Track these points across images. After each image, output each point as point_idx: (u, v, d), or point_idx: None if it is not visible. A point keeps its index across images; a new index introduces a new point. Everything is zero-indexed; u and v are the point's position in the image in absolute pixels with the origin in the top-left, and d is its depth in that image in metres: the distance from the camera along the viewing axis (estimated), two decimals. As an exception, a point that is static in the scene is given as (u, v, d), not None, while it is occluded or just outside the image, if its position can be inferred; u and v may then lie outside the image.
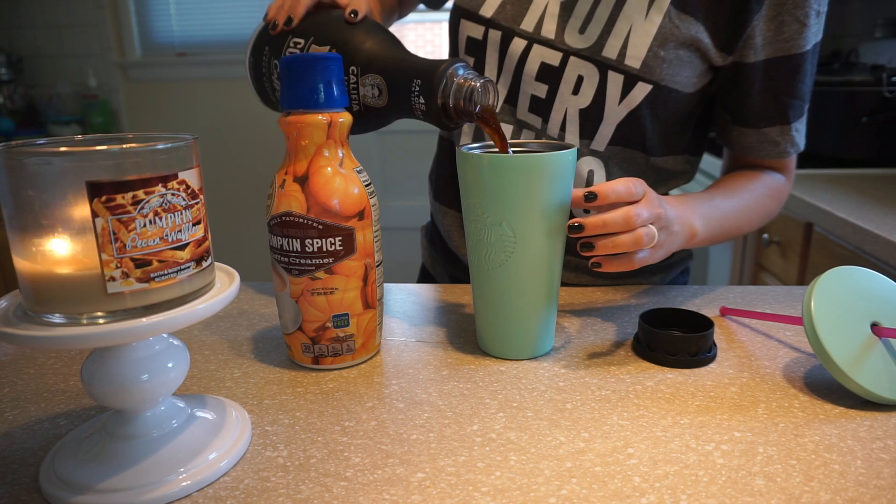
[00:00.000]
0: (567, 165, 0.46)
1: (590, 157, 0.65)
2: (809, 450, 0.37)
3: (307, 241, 0.45)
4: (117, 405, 0.36)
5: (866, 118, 1.37)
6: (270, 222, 0.46)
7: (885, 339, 0.43)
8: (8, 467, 0.37)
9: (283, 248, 0.46)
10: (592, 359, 0.49)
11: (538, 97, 0.64)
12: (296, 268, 0.46)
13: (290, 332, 0.48)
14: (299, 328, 0.48)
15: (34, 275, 0.31)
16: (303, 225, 0.45)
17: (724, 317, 0.57)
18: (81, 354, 0.52)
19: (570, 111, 0.63)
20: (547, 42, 0.63)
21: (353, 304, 0.47)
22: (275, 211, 0.46)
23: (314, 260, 0.46)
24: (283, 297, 0.48)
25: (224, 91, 2.43)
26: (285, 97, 0.45)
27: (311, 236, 0.45)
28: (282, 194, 0.45)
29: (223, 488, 0.35)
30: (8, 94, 2.35)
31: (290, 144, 0.46)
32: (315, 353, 0.48)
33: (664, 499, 0.33)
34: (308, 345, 0.48)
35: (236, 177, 2.51)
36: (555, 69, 0.63)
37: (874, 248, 0.92)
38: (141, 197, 0.31)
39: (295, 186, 0.45)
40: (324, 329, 0.47)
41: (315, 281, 0.46)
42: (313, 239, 0.45)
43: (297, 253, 0.46)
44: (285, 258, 0.46)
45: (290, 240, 0.45)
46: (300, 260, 0.46)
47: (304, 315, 0.47)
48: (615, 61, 0.60)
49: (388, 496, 0.34)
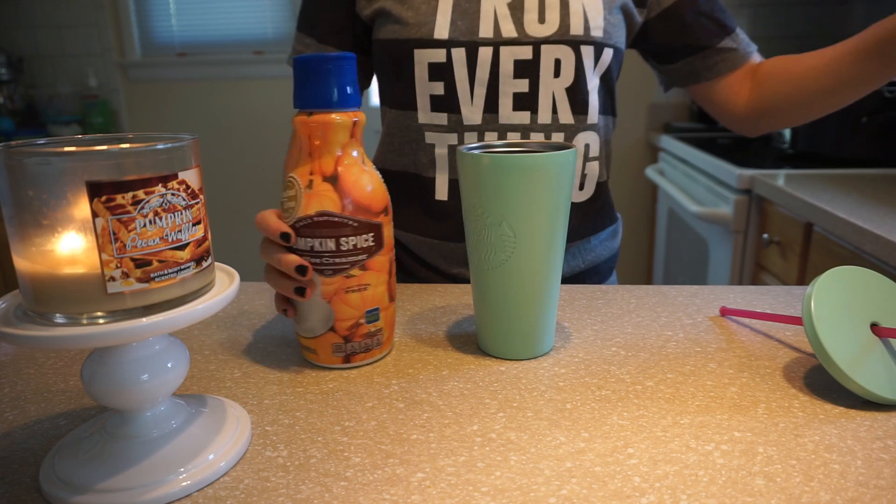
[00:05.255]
0: (567, 165, 0.46)
1: (584, 132, 0.69)
2: (809, 450, 0.37)
3: (342, 240, 0.45)
4: (117, 405, 0.36)
5: (866, 118, 1.37)
6: (297, 225, 0.45)
7: (885, 339, 0.43)
8: (8, 467, 0.37)
9: (315, 249, 0.45)
10: (592, 359, 0.49)
11: (521, 93, 0.66)
12: (329, 267, 0.45)
13: (319, 333, 0.47)
14: (331, 329, 0.47)
15: (34, 275, 0.31)
16: (339, 223, 0.45)
17: (724, 317, 0.57)
18: (81, 354, 0.52)
19: (558, 93, 0.67)
20: (512, 41, 0.65)
21: (381, 298, 0.48)
22: (303, 212, 0.45)
23: (349, 258, 0.45)
24: (309, 301, 0.47)
25: (224, 91, 2.43)
26: (306, 97, 0.45)
27: (346, 234, 0.45)
28: (312, 195, 0.45)
29: (223, 488, 0.35)
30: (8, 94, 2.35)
31: (310, 145, 0.46)
32: (347, 352, 0.48)
33: (664, 499, 0.33)
34: (340, 344, 0.48)
35: (236, 177, 2.51)
36: (530, 62, 0.65)
37: (874, 248, 0.92)
38: (141, 197, 0.31)
39: (326, 186, 0.45)
40: (357, 326, 0.47)
41: (350, 279, 0.46)
42: (348, 237, 0.45)
43: (332, 252, 0.45)
44: (316, 259, 0.45)
45: (324, 240, 0.45)
46: (334, 259, 0.45)
47: (337, 314, 0.47)
48: (583, 36, 0.65)
49: (388, 496, 0.34)
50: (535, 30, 0.65)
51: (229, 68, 2.40)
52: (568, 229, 0.72)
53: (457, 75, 0.66)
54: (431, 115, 0.68)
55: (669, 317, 0.57)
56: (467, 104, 0.67)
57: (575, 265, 0.75)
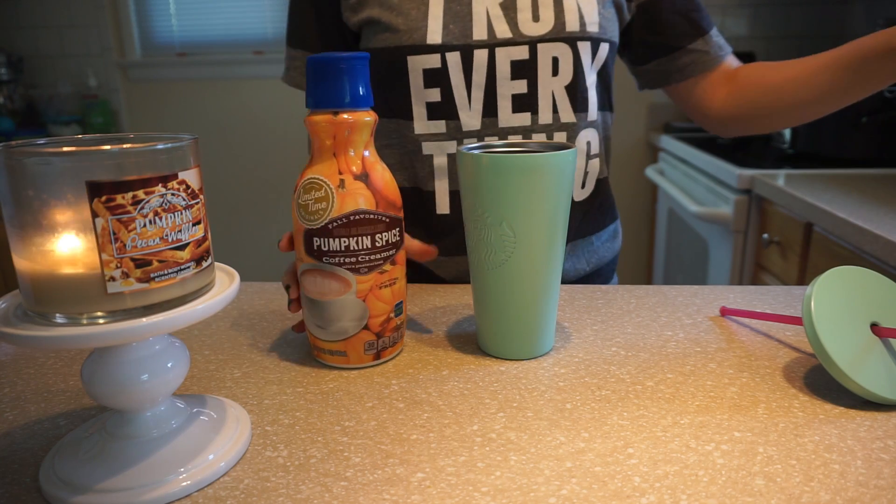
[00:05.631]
0: (567, 165, 0.46)
1: (585, 129, 0.69)
2: (809, 450, 0.37)
3: (377, 237, 0.45)
4: (117, 405, 0.36)
5: (866, 118, 1.37)
6: (330, 225, 0.45)
7: (885, 339, 0.43)
8: (8, 467, 0.37)
9: (350, 248, 0.45)
10: (592, 359, 0.49)
11: (520, 94, 0.65)
12: (365, 265, 0.46)
13: (352, 333, 0.47)
14: (365, 326, 0.47)
15: (34, 275, 0.31)
16: (374, 221, 0.45)
17: (724, 317, 0.57)
18: (81, 354, 0.52)
19: (557, 92, 0.66)
20: (507, 41, 0.64)
21: (403, 290, 0.49)
22: (337, 212, 0.45)
23: (383, 253, 0.46)
24: (342, 301, 0.46)
25: (224, 91, 2.43)
26: (333, 97, 0.44)
27: (380, 231, 0.46)
28: (345, 194, 0.44)
29: (223, 488, 0.35)
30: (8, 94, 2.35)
31: (334, 144, 0.45)
32: (378, 348, 0.48)
33: (664, 499, 0.33)
34: (373, 342, 0.48)
35: (236, 177, 2.51)
36: (527, 62, 0.64)
37: (874, 248, 0.92)
38: (141, 197, 0.31)
39: (359, 184, 0.45)
40: (388, 321, 0.48)
41: (383, 274, 0.47)
42: (382, 233, 0.46)
43: (367, 250, 0.45)
44: (352, 258, 0.45)
45: (360, 238, 0.45)
46: (370, 256, 0.46)
47: (371, 311, 0.47)
48: (579, 32, 0.65)
49: (388, 496, 0.34)
50: (530, 29, 0.64)
51: (229, 68, 2.40)
52: (569, 228, 0.72)
53: (453, 80, 0.65)
54: (428, 124, 0.67)
55: (669, 317, 0.57)
56: (465, 109, 0.65)
57: (580, 268, 0.75)
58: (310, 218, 0.45)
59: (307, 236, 0.46)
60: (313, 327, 0.48)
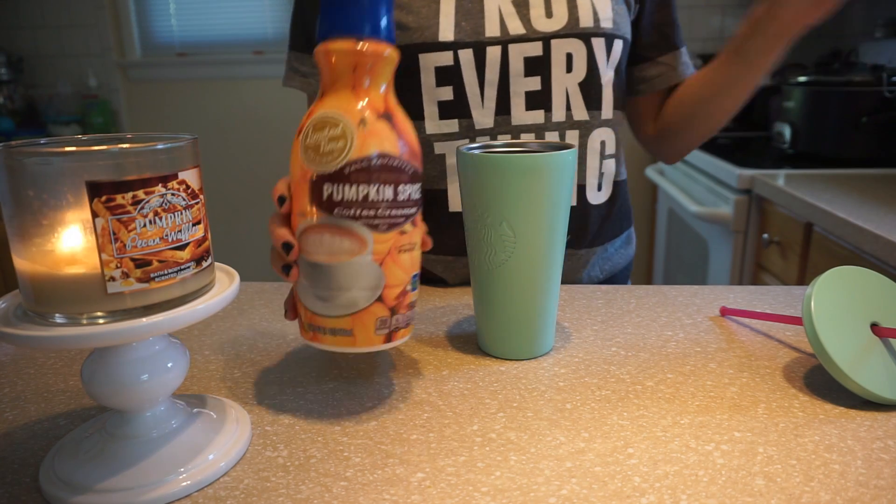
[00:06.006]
0: (567, 165, 0.46)
1: (600, 128, 0.68)
2: (809, 450, 0.37)
3: (400, 188, 0.38)
4: (117, 405, 0.36)
5: (866, 118, 1.37)
6: (347, 169, 0.37)
7: (885, 339, 0.43)
8: (8, 467, 0.37)
9: (370, 198, 0.37)
10: (592, 359, 0.49)
11: (533, 91, 0.65)
12: (385, 220, 0.38)
13: (363, 306, 0.39)
14: (379, 298, 0.39)
15: (34, 275, 0.31)
16: (397, 169, 0.38)
17: (724, 317, 0.57)
18: (81, 354, 0.52)
19: (571, 88, 0.65)
20: (521, 38, 0.63)
21: (419, 260, 0.42)
22: (358, 154, 0.37)
23: (405, 210, 0.39)
24: (355, 264, 0.38)
25: (224, 91, 2.43)
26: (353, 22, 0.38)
27: (403, 182, 0.38)
28: (367, 133, 0.37)
29: (223, 488, 0.35)
30: (8, 94, 2.35)
31: (353, 78, 0.38)
32: (391, 327, 0.40)
33: (664, 499, 0.33)
34: (385, 318, 0.40)
35: (236, 177, 2.51)
36: (541, 58, 0.64)
37: (874, 248, 0.92)
38: (141, 197, 0.31)
39: (383, 124, 0.38)
40: (404, 294, 0.40)
41: (403, 236, 0.39)
42: (405, 185, 0.39)
43: (389, 202, 0.38)
44: (370, 210, 0.38)
45: (382, 186, 0.37)
46: (391, 211, 0.38)
47: (388, 279, 0.39)
48: (593, 28, 0.64)
49: (388, 496, 0.34)
50: (543, 25, 0.63)
51: (229, 68, 2.40)
52: (587, 233, 0.70)
53: (465, 78, 0.64)
54: (440, 124, 0.66)
55: (669, 317, 0.57)
56: (478, 107, 0.65)
57: (594, 275, 0.74)
58: (321, 160, 0.37)
59: (315, 184, 0.38)
60: (311, 300, 0.40)
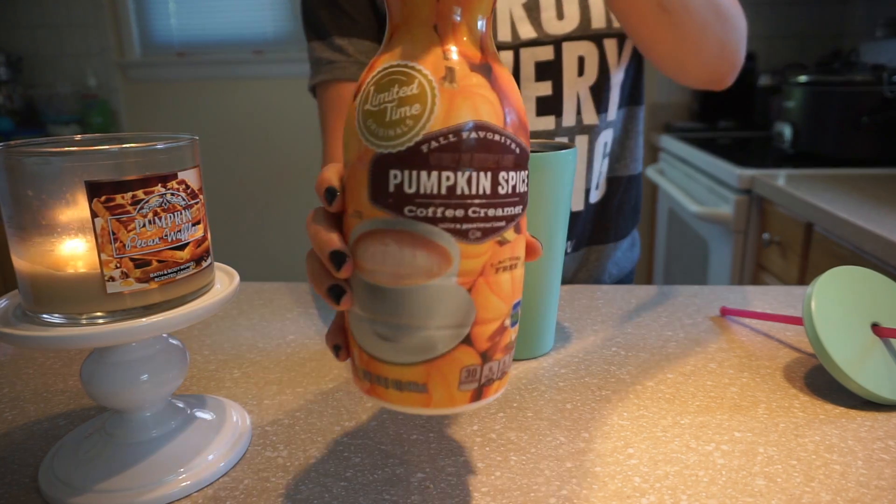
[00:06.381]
0: (567, 165, 0.46)
1: (606, 129, 0.67)
2: (810, 450, 0.37)
3: (502, 176, 0.26)
4: (117, 405, 0.35)
5: (867, 118, 1.37)
6: (426, 146, 0.25)
7: (885, 340, 0.43)
8: (7, 468, 0.37)
9: (458, 190, 0.25)
10: (592, 359, 0.49)
11: (544, 96, 0.64)
12: (479, 226, 0.26)
13: (443, 351, 0.27)
14: (466, 340, 0.27)
15: (33, 275, 0.31)
16: (501, 147, 0.26)
17: (724, 317, 0.57)
18: (81, 354, 0.52)
19: (582, 92, 0.64)
20: (532, 42, 0.63)
21: (521, 281, 0.29)
22: (442, 124, 0.25)
23: (507, 209, 0.26)
24: (433, 288, 0.26)
25: (224, 91, 2.43)
26: None
27: (507, 167, 0.26)
28: (457, 93, 0.25)
29: (223, 489, 0.35)
30: (7, 94, 2.35)
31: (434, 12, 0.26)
32: (481, 380, 0.28)
33: (664, 499, 0.33)
34: (474, 368, 0.27)
35: (236, 177, 2.51)
36: (552, 62, 0.63)
37: (874, 248, 0.92)
38: (140, 197, 0.31)
39: (479, 80, 0.25)
40: (501, 332, 0.28)
41: (503, 247, 0.27)
42: (508, 171, 0.26)
43: (486, 198, 0.26)
44: (459, 210, 0.25)
45: (477, 174, 0.25)
46: (488, 211, 0.26)
47: (479, 312, 0.27)
48: (605, 29, 0.63)
49: (388, 496, 0.34)
50: (555, 27, 0.63)
51: (229, 68, 2.40)
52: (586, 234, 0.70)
53: None
54: None
55: (669, 317, 0.57)
56: None
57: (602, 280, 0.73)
58: (387, 133, 0.25)
59: (377, 169, 0.26)
60: (369, 338, 0.28)
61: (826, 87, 1.43)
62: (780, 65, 1.99)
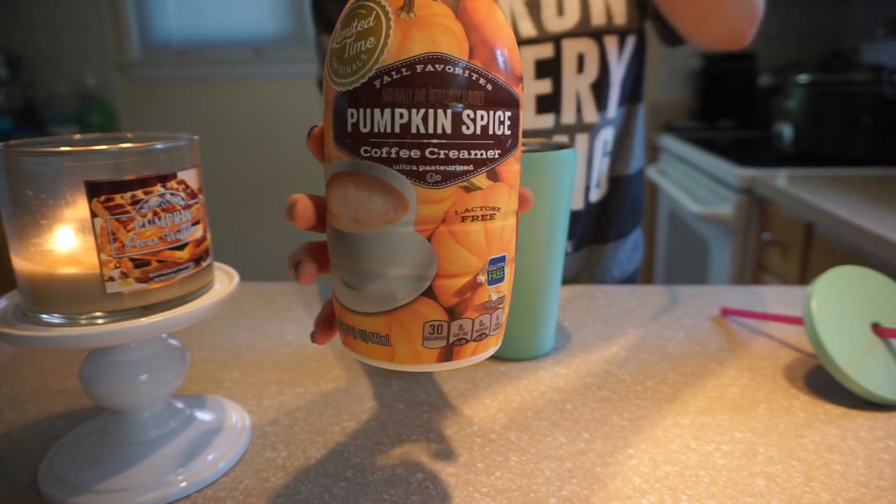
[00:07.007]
0: (567, 165, 0.46)
1: (605, 127, 0.66)
2: (810, 450, 0.37)
3: (466, 115, 0.24)
4: (116, 405, 0.35)
5: (867, 118, 1.37)
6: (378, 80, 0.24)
7: (885, 340, 0.43)
8: (6, 468, 0.37)
9: (414, 128, 0.24)
10: (592, 359, 0.49)
11: (544, 94, 0.64)
12: (437, 168, 0.24)
13: (403, 302, 0.25)
14: (428, 291, 0.25)
15: (33, 275, 0.31)
16: (462, 80, 0.24)
17: (725, 317, 0.57)
18: (80, 354, 0.52)
19: (582, 90, 0.64)
20: (531, 40, 0.63)
21: (511, 240, 0.27)
22: (395, 56, 0.24)
23: (474, 151, 0.25)
24: (389, 234, 0.25)
25: (223, 91, 2.43)
26: None
27: (473, 104, 0.24)
28: (411, 24, 0.24)
29: (222, 489, 0.35)
30: (6, 94, 2.35)
31: None
32: (450, 339, 0.26)
33: (665, 499, 0.33)
34: (440, 323, 0.26)
35: (236, 176, 2.51)
36: (552, 60, 0.63)
37: (875, 248, 0.92)
38: (140, 197, 0.31)
39: (439, 7, 0.24)
40: (474, 288, 0.26)
41: (471, 194, 0.25)
42: (476, 110, 0.24)
43: (443, 137, 0.24)
44: (413, 150, 0.24)
45: (431, 111, 0.24)
46: (448, 152, 0.24)
47: (443, 262, 0.25)
48: (606, 25, 0.63)
49: (388, 496, 0.34)
50: (555, 24, 0.62)
51: (228, 68, 2.40)
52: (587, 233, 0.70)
53: None
54: None
55: (670, 317, 0.57)
56: None
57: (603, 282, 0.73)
58: (344, 70, 0.25)
59: (338, 108, 0.25)
60: (339, 287, 0.27)
61: (826, 87, 1.43)
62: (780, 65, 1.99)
